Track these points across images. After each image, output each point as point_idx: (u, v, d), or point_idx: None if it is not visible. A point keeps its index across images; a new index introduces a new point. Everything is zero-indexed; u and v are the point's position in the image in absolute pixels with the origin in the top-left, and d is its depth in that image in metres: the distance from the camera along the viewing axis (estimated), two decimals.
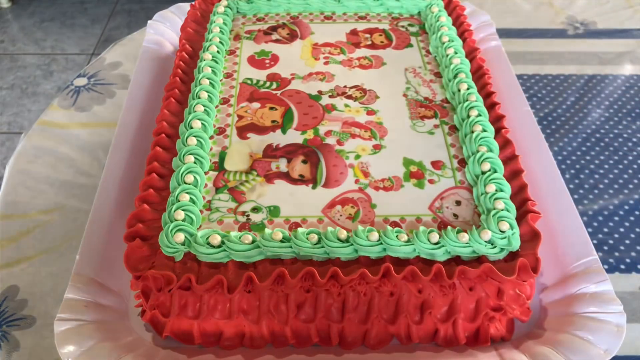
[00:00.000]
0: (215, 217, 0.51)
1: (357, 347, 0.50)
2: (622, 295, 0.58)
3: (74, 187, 0.67)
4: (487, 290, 0.48)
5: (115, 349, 0.47)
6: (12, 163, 0.70)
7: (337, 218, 0.51)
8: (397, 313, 0.48)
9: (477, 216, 0.51)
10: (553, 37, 0.93)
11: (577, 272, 0.52)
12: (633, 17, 0.98)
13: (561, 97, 0.82)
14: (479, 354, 0.49)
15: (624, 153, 0.74)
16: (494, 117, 0.59)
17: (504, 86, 0.71)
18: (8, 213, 0.64)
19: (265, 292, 0.47)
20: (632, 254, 0.63)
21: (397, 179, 0.54)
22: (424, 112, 0.61)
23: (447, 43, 0.68)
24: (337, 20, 0.76)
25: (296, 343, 0.49)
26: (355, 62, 0.68)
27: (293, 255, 0.47)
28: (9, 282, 0.58)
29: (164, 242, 0.47)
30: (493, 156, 0.54)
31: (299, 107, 0.62)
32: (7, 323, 0.55)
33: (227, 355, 0.49)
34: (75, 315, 0.48)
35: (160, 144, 0.56)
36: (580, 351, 0.46)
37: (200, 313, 0.47)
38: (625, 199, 0.68)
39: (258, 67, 0.67)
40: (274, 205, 0.52)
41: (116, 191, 0.59)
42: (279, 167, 0.55)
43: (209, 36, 0.69)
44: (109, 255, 0.53)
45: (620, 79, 0.86)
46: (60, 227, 0.63)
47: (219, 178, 0.54)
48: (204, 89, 0.61)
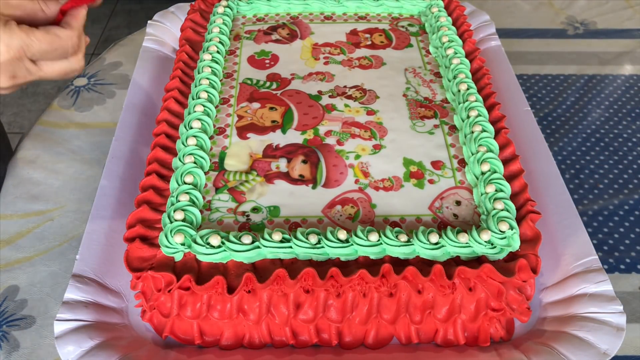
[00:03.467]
0: (215, 217, 0.51)
1: (357, 347, 0.50)
2: (622, 295, 0.58)
3: (74, 187, 0.67)
4: (487, 290, 0.48)
5: (115, 349, 0.47)
6: (12, 163, 0.70)
7: (337, 218, 0.51)
8: (397, 313, 0.48)
9: (477, 216, 0.51)
10: (553, 37, 0.93)
11: (577, 272, 0.52)
12: (633, 17, 0.98)
13: (561, 97, 0.82)
14: (479, 354, 0.49)
15: (624, 153, 0.74)
16: (494, 117, 0.59)
17: (504, 86, 0.71)
18: (8, 213, 0.64)
19: (265, 292, 0.47)
20: (632, 254, 0.63)
21: (397, 179, 0.54)
22: (424, 112, 0.61)
23: (447, 43, 0.68)
24: (337, 20, 0.76)
25: (296, 343, 0.49)
26: (355, 62, 0.68)
27: (293, 255, 0.47)
28: (9, 282, 0.58)
29: (164, 243, 0.47)
30: (493, 156, 0.54)
31: (299, 107, 0.62)
32: (7, 323, 0.55)
33: (227, 355, 0.49)
34: (75, 315, 0.48)
35: (160, 144, 0.56)
36: (580, 351, 0.46)
37: (200, 313, 0.47)
38: (625, 199, 0.68)
39: (258, 67, 0.67)
40: (274, 206, 0.52)
41: (116, 191, 0.59)
42: (278, 167, 0.55)
43: (209, 36, 0.69)
44: (109, 255, 0.53)
45: (620, 79, 0.86)
46: (60, 227, 0.63)
47: (219, 178, 0.54)
48: (204, 89, 0.61)
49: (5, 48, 0.45)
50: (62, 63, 0.48)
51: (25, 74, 0.46)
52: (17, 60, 0.45)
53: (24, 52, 0.45)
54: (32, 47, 0.46)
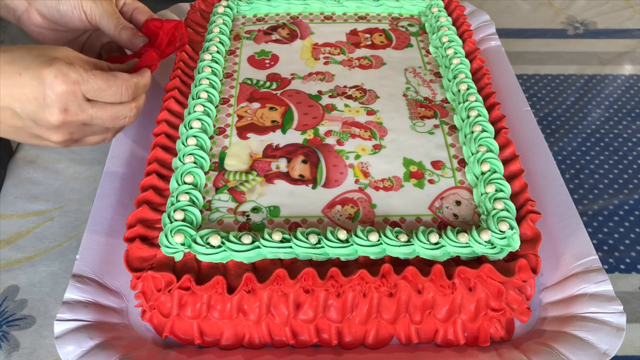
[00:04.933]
0: (215, 217, 0.51)
1: (357, 347, 0.50)
2: (622, 295, 0.58)
3: (74, 187, 0.67)
4: (487, 290, 0.48)
5: (115, 349, 0.47)
6: (12, 163, 0.70)
7: (337, 218, 0.51)
8: (397, 313, 0.48)
9: (477, 216, 0.51)
10: (553, 37, 0.93)
11: (577, 272, 0.52)
12: (633, 17, 0.98)
13: (561, 97, 0.82)
14: (479, 354, 0.49)
15: (624, 153, 0.74)
16: (494, 117, 0.59)
17: (504, 86, 0.71)
18: (8, 213, 0.64)
19: (265, 292, 0.47)
20: (632, 254, 0.63)
21: (397, 179, 0.54)
22: (424, 112, 0.61)
23: (447, 43, 0.68)
24: (337, 20, 0.76)
25: (296, 343, 0.49)
26: (355, 62, 0.68)
27: (293, 255, 0.47)
28: (9, 282, 0.58)
29: (164, 243, 0.47)
30: (493, 156, 0.54)
31: (299, 107, 0.62)
32: (7, 323, 0.55)
33: (227, 355, 0.49)
34: (75, 315, 0.48)
35: (160, 144, 0.56)
36: (580, 351, 0.46)
37: (200, 313, 0.47)
38: (625, 199, 0.68)
39: (258, 67, 0.67)
40: (274, 205, 0.52)
41: (116, 191, 0.59)
42: (278, 167, 0.55)
43: (209, 36, 0.69)
44: (109, 255, 0.53)
45: (620, 79, 0.86)
46: (60, 227, 0.63)
47: (219, 178, 0.54)
48: (204, 89, 0.61)
49: (62, 78, 0.45)
50: (115, 106, 0.49)
51: (77, 110, 0.46)
52: (72, 94, 0.45)
53: (80, 87, 0.46)
54: (89, 83, 0.46)
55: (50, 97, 0.45)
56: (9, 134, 0.47)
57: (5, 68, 0.44)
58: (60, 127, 0.47)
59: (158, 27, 0.58)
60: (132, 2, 0.61)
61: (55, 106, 0.45)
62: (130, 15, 0.61)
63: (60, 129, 0.47)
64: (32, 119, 0.45)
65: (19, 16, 0.57)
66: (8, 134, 0.47)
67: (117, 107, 0.49)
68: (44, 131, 0.47)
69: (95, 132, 0.50)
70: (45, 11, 0.57)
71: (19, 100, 0.44)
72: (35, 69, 0.44)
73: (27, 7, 0.57)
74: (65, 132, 0.47)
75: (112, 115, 0.48)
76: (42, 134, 0.47)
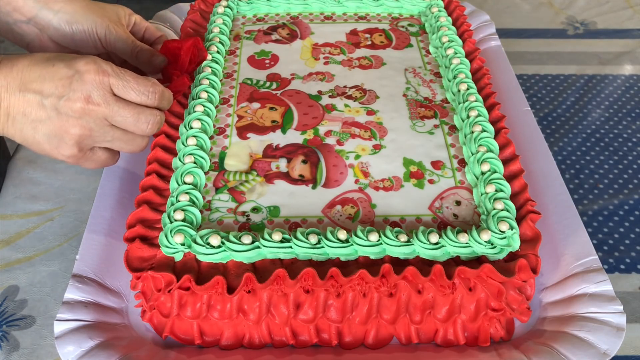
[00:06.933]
0: (215, 217, 0.51)
1: (357, 347, 0.50)
2: (622, 295, 0.58)
3: (74, 187, 0.67)
4: (487, 290, 0.48)
5: (115, 349, 0.47)
6: (12, 163, 0.70)
7: (337, 218, 0.51)
8: (397, 313, 0.48)
9: (477, 216, 0.51)
10: (553, 37, 0.93)
11: (577, 272, 0.52)
12: (633, 17, 0.98)
13: (561, 97, 0.82)
14: (479, 354, 0.49)
15: (624, 153, 0.74)
16: (494, 117, 0.59)
17: (504, 86, 0.71)
18: (8, 213, 0.64)
19: (265, 292, 0.47)
20: (632, 254, 0.63)
21: (397, 179, 0.54)
22: (424, 112, 0.61)
23: (447, 43, 0.68)
24: (337, 20, 0.76)
25: (296, 343, 0.49)
26: (355, 62, 0.68)
27: (293, 255, 0.47)
28: (9, 282, 0.58)
29: (164, 243, 0.47)
30: (493, 156, 0.54)
31: (299, 107, 0.62)
32: (7, 323, 0.55)
33: (227, 355, 0.49)
34: (75, 315, 0.48)
35: (160, 144, 0.56)
36: (580, 351, 0.46)
37: (200, 313, 0.47)
38: (625, 199, 0.68)
39: (258, 67, 0.67)
40: (274, 206, 0.52)
41: (116, 191, 0.59)
42: (278, 167, 0.55)
43: (209, 36, 0.69)
44: (109, 255, 0.53)
45: (620, 79, 0.86)
46: (60, 227, 0.63)
47: (219, 178, 0.54)
48: (204, 89, 0.61)
49: (94, 66, 0.46)
50: (138, 107, 0.48)
51: (100, 100, 0.46)
52: (99, 83, 0.46)
53: (108, 78, 0.46)
54: (118, 76, 0.46)
55: (77, 81, 0.45)
56: (27, 135, 0.46)
57: (41, 59, 0.46)
58: (81, 118, 0.46)
59: (177, 47, 0.58)
60: (141, 22, 0.62)
61: (81, 90, 0.45)
62: (142, 35, 0.62)
63: (80, 121, 0.46)
64: (56, 107, 0.45)
65: (28, 42, 0.57)
66: (26, 136, 0.46)
67: (141, 108, 0.48)
68: (64, 122, 0.45)
69: (113, 139, 0.48)
70: (58, 38, 0.57)
71: (50, 80, 0.45)
72: (69, 60, 0.46)
73: (38, 33, 0.57)
74: (84, 125, 0.46)
75: (134, 114, 0.47)
76: (61, 127, 0.46)
